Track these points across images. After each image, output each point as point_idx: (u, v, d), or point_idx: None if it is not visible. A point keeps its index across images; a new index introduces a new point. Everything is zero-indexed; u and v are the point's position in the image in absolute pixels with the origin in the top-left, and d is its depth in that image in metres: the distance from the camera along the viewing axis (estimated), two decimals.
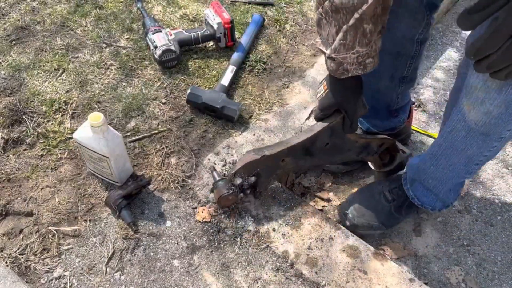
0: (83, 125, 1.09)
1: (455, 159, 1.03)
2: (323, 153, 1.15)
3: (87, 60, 1.49)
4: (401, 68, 1.16)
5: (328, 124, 1.09)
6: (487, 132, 0.92)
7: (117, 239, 1.09)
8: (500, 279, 1.17)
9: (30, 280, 1.01)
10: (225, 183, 1.10)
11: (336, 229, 1.14)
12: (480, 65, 0.72)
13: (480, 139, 0.95)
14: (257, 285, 1.04)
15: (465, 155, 1.00)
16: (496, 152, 1.01)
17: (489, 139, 0.94)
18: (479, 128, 0.91)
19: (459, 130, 0.96)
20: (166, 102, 1.39)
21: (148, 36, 1.48)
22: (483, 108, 0.86)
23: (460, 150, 0.99)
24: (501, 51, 0.67)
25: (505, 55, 0.68)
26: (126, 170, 1.17)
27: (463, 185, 1.21)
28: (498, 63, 0.70)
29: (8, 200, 1.13)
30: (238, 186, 1.09)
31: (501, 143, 0.96)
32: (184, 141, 1.29)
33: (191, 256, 1.07)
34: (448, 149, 1.03)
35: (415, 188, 1.17)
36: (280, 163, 1.12)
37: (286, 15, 1.77)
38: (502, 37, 0.66)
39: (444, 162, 1.06)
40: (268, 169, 1.13)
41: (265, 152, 1.09)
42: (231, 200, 1.11)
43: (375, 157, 1.27)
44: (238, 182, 1.09)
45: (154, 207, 1.15)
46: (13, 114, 1.29)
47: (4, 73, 1.42)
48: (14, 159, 1.22)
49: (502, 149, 1.45)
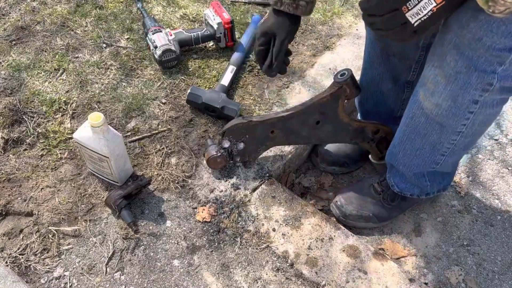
0: (83, 125, 1.09)
1: (419, 145, 1.05)
2: (314, 131, 1.16)
3: (87, 60, 1.49)
4: (405, 72, 1.17)
5: (318, 99, 1.12)
6: (441, 122, 0.96)
7: (117, 239, 1.09)
8: (500, 279, 1.17)
9: (30, 280, 1.01)
10: (215, 146, 1.18)
11: (336, 229, 1.14)
12: (365, 18, 0.86)
13: (437, 128, 0.98)
14: (257, 285, 1.04)
15: (428, 141, 1.02)
16: (462, 147, 1.03)
17: (445, 130, 0.97)
18: (434, 117, 0.95)
19: (419, 116, 1.00)
20: (166, 102, 1.39)
21: (148, 36, 1.48)
22: (434, 100, 0.92)
23: (423, 135, 1.02)
24: (383, 18, 0.81)
25: (385, 23, 0.82)
26: (126, 170, 1.17)
27: (441, 177, 1.18)
28: (379, 25, 0.84)
29: (8, 200, 1.13)
30: (226, 150, 1.17)
31: (462, 138, 0.98)
32: (184, 141, 1.29)
33: (191, 256, 1.08)
34: (411, 134, 1.05)
35: (393, 175, 1.19)
36: (270, 134, 1.17)
37: None
38: (388, 8, 0.80)
39: (409, 147, 1.08)
40: (257, 139, 1.18)
41: (253, 119, 1.16)
42: (220, 162, 1.18)
43: (372, 146, 1.27)
44: (226, 145, 1.17)
45: (154, 207, 1.15)
46: (13, 114, 1.30)
47: (4, 73, 1.42)
48: (14, 159, 1.22)
49: (502, 149, 1.45)
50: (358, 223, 1.22)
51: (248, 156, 1.21)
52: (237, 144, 1.18)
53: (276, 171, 1.27)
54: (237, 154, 1.20)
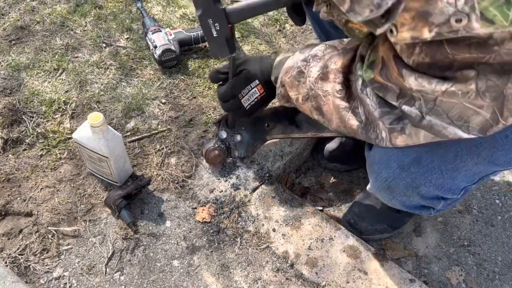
0: (83, 125, 1.09)
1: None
2: (309, 123, 1.16)
3: (87, 60, 1.49)
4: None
5: None
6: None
7: (117, 239, 1.08)
8: (501, 280, 1.17)
9: (29, 281, 1.01)
10: (212, 140, 1.19)
11: (336, 230, 1.13)
12: (219, 102, 1.10)
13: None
14: (257, 285, 1.03)
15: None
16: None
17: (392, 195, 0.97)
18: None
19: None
20: (166, 102, 1.39)
21: (148, 36, 1.48)
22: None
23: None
24: (227, 103, 1.06)
25: (227, 107, 1.09)
26: (125, 170, 1.16)
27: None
28: (224, 107, 1.10)
29: (7, 200, 1.13)
30: (224, 142, 1.17)
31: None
32: (184, 141, 1.29)
33: (191, 256, 1.07)
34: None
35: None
36: (266, 128, 1.18)
37: (286, 15, 1.77)
38: (229, 95, 1.04)
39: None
40: (254, 132, 1.18)
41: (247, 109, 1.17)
42: (218, 155, 1.17)
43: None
44: (223, 136, 1.17)
45: (154, 207, 1.15)
46: (12, 114, 1.29)
47: (4, 73, 1.42)
48: (14, 159, 1.22)
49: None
50: (373, 236, 1.20)
51: (246, 150, 1.20)
52: (234, 136, 1.18)
53: (276, 171, 1.27)
54: (235, 148, 1.19)
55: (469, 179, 0.84)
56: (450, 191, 0.85)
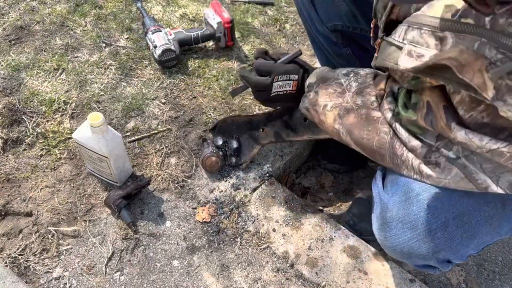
0: (83, 125, 1.09)
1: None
2: (303, 127, 1.17)
3: (87, 60, 1.49)
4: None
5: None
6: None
7: (117, 240, 1.08)
8: (501, 280, 1.17)
9: (29, 281, 1.01)
10: (209, 147, 1.19)
11: (336, 230, 1.13)
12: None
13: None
14: (257, 285, 1.03)
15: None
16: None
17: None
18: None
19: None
20: (165, 102, 1.39)
21: (148, 35, 1.48)
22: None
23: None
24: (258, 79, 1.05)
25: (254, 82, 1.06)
26: (125, 170, 1.16)
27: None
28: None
29: (7, 200, 1.13)
30: (220, 149, 1.18)
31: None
32: (184, 141, 1.29)
33: (191, 256, 1.07)
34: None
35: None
36: (261, 132, 1.18)
37: (286, 15, 1.77)
38: (270, 71, 1.04)
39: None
40: (250, 137, 1.19)
41: (241, 115, 1.19)
42: (215, 162, 1.17)
43: None
44: (219, 142, 1.18)
45: (153, 207, 1.15)
46: (12, 114, 1.29)
47: (4, 73, 1.42)
48: (14, 159, 1.21)
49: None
50: (374, 237, 1.20)
51: (244, 156, 1.20)
52: (230, 142, 1.19)
53: (276, 171, 1.27)
54: (232, 155, 1.20)
55: (477, 247, 0.84)
56: (461, 257, 0.84)
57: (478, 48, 0.59)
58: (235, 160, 1.20)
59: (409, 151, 0.79)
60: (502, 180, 0.70)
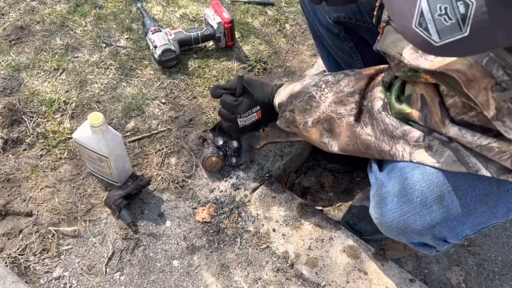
0: (83, 125, 1.09)
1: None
2: None
3: (87, 60, 1.49)
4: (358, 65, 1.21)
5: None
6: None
7: (117, 240, 1.08)
8: (501, 280, 1.17)
9: (29, 281, 1.01)
10: (209, 147, 1.18)
11: (336, 229, 1.13)
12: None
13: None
14: (257, 285, 1.03)
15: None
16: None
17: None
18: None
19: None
20: (166, 102, 1.39)
21: (148, 36, 1.48)
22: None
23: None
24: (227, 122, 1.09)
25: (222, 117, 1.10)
26: (125, 170, 1.16)
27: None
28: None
29: (7, 200, 1.13)
30: (221, 149, 1.18)
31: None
32: (184, 141, 1.29)
33: (191, 256, 1.07)
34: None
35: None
36: (261, 132, 1.19)
37: (286, 15, 1.77)
38: (232, 112, 1.07)
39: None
40: (250, 138, 1.19)
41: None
42: (215, 162, 1.17)
43: None
44: (220, 142, 1.18)
45: (154, 207, 1.15)
46: (12, 114, 1.29)
47: (4, 73, 1.42)
48: (14, 159, 1.21)
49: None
50: (373, 236, 1.20)
51: (243, 156, 1.20)
52: (230, 142, 1.19)
53: (276, 171, 1.27)
54: (232, 155, 1.20)
55: (473, 227, 0.84)
56: (456, 236, 0.84)
57: (486, 64, 0.59)
58: (235, 160, 1.20)
59: (399, 139, 0.80)
60: (491, 165, 0.72)
